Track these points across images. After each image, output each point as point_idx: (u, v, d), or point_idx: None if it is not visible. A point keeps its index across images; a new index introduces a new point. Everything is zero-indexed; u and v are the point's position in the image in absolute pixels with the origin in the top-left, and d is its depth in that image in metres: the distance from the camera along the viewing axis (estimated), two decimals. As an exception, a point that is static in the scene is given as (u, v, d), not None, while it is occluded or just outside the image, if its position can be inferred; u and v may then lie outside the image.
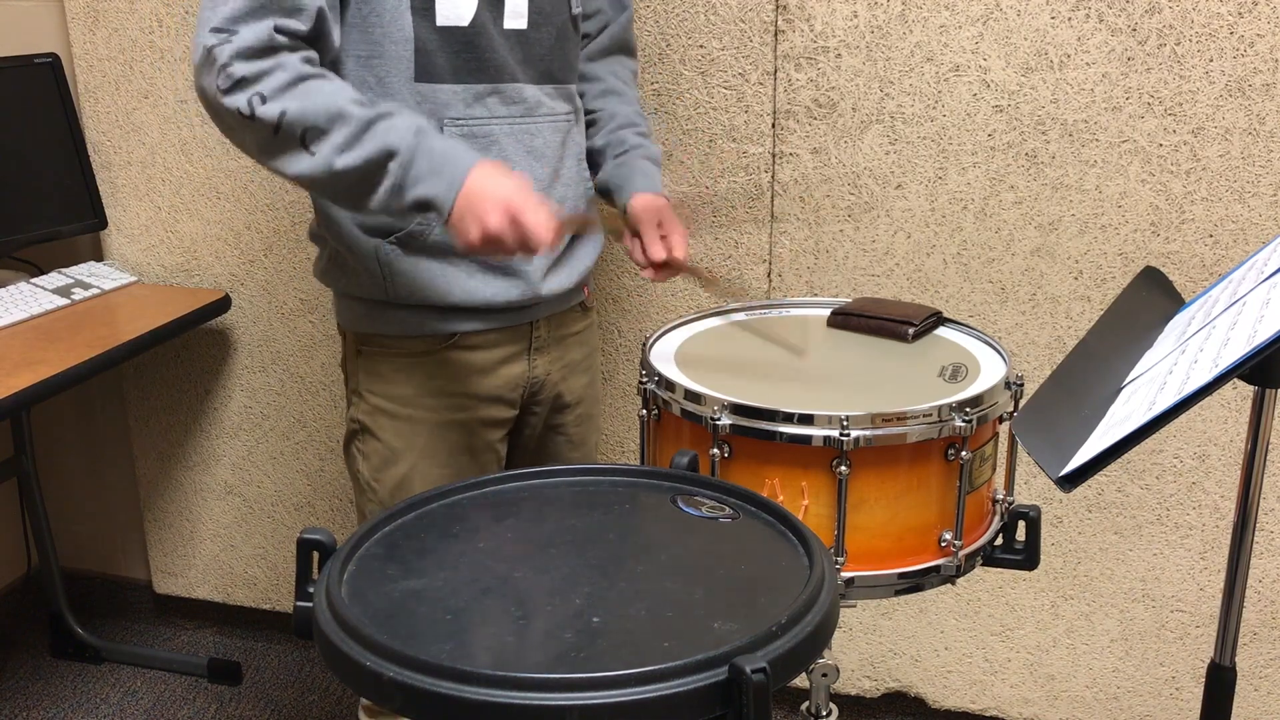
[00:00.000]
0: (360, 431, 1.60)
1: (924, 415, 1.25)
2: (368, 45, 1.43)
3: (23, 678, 2.53)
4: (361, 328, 1.57)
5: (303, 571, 0.98)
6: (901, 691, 2.25)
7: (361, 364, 1.58)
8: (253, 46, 1.31)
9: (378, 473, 1.59)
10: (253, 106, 1.31)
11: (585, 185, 1.63)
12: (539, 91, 1.53)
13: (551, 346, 1.65)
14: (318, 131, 1.33)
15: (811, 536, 1.01)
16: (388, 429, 1.58)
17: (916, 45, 1.90)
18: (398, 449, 1.58)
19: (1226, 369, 1.00)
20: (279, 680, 2.52)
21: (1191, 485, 2.00)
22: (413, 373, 1.56)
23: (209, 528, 2.59)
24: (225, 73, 1.30)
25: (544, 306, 1.60)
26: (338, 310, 1.61)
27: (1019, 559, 1.41)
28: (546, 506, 1.13)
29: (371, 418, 1.58)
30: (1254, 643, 2.04)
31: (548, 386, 1.66)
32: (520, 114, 1.51)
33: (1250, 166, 1.83)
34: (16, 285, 2.23)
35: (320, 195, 1.49)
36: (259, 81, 1.31)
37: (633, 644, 0.88)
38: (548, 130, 1.54)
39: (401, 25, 1.42)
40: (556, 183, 1.56)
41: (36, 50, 2.30)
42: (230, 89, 1.31)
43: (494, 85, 1.48)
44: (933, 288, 2.01)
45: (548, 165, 1.54)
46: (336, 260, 1.56)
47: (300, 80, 1.33)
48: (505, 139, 1.50)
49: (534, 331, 1.61)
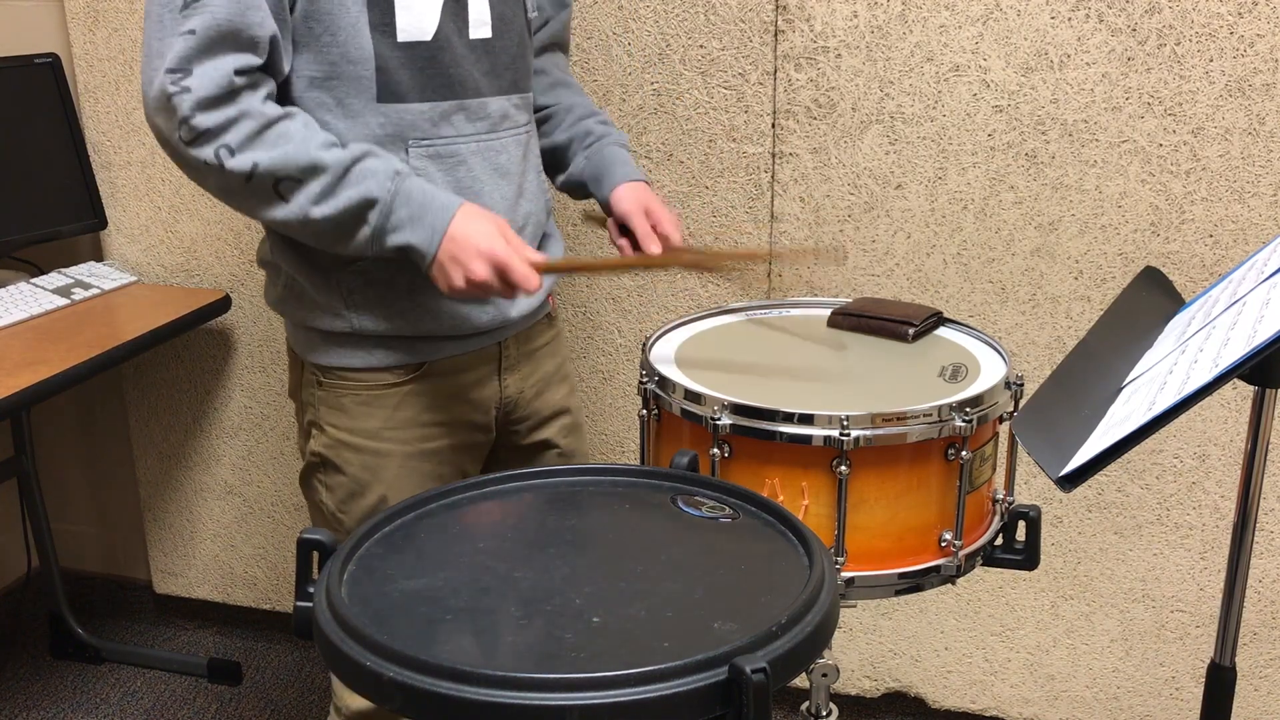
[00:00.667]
0: (321, 465, 1.52)
1: (924, 415, 1.25)
2: (324, 66, 1.36)
3: (23, 678, 2.53)
4: (322, 360, 1.49)
5: (303, 571, 0.98)
6: (901, 691, 2.25)
7: (321, 397, 1.50)
8: (212, 95, 1.26)
9: (344, 504, 1.52)
10: (220, 159, 1.27)
11: (545, 197, 1.59)
12: (505, 103, 1.48)
13: (521, 363, 1.60)
14: (292, 182, 1.30)
15: (811, 536, 1.01)
16: (353, 463, 1.50)
17: (916, 45, 1.90)
18: (365, 481, 1.50)
19: (1226, 369, 1.00)
20: (279, 680, 2.52)
21: (1191, 485, 2.00)
22: (379, 405, 1.49)
23: (209, 528, 2.59)
24: (187, 126, 1.26)
25: (511, 326, 1.55)
26: (293, 339, 1.53)
27: (1019, 559, 1.41)
28: (547, 506, 1.13)
29: (334, 451, 1.50)
30: (1254, 643, 2.04)
31: (521, 404, 1.61)
32: (485, 130, 1.46)
33: (1250, 166, 1.83)
34: (16, 285, 2.23)
35: (297, 239, 1.40)
36: (225, 133, 1.27)
37: (633, 644, 0.88)
38: (511, 145, 1.50)
39: (360, 44, 1.35)
40: (521, 199, 1.52)
41: (36, 50, 2.30)
42: (194, 141, 1.27)
43: (459, 101, 1.42)
44: (933, 288, 2.01)
45: (512, 183, 1.50)
46: (293, 289, 1.48)
47: (267, 126, 1.29)
48: (472, 158, 1.45)
49: (503, 351, 1.56)
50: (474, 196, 1.44)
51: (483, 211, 1.37)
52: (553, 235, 1.63)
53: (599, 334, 2.18)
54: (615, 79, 2.04)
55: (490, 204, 1.45)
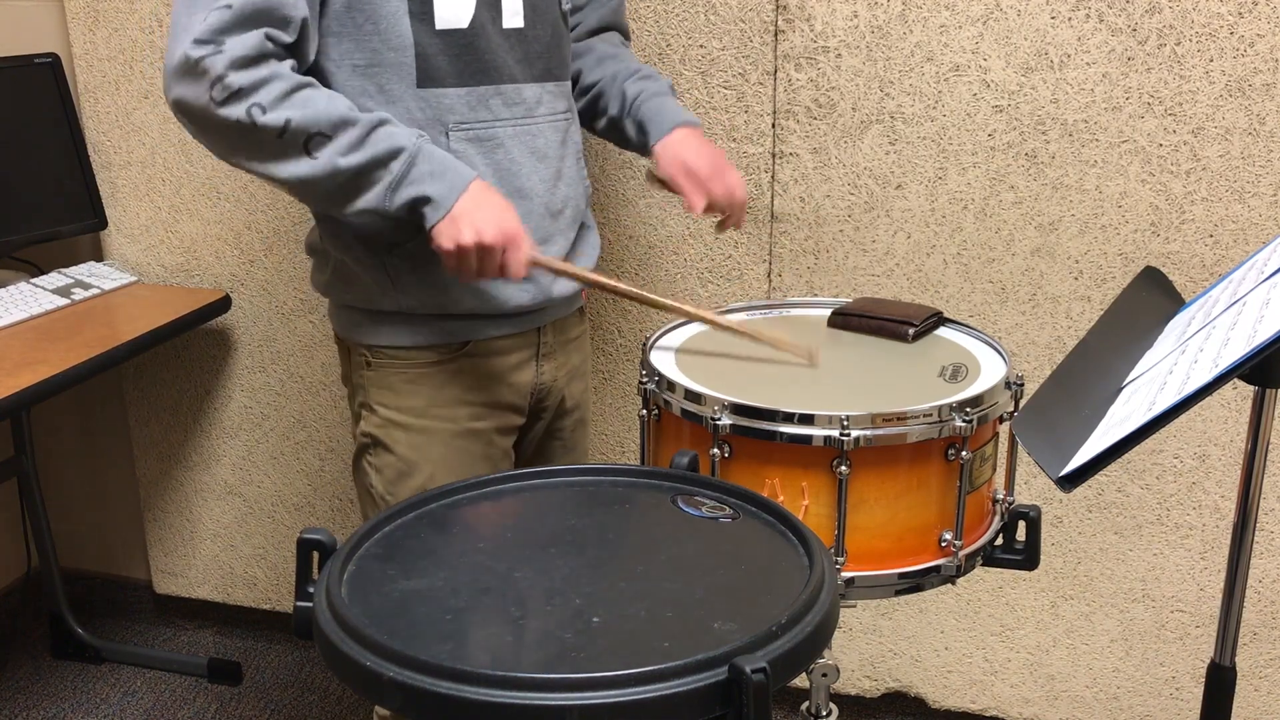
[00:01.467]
0: (372, 445, 1.57)
1: (924, 415, 1.25)
2: (365, 54, 1.42)
3: (23, 678, 2.53)
4: (370, 340, 1.54)
5: (303, 571, 0.98)
6: (901, 691, 2.25)
7: (371, 377, 1.55)
8: (246, 55, 1.30)
9: (392, 486, 1.57)
10: (253, 116, 1.31)
11: (585, 184, 1.63)
12: (539, 90, 1.52)
13: (556, 352, 1.64)
14: (322, 138, 1.33)
15: (811, 536, 1.01)
16: (402, 442, 1.55)
17: (916, 45, 1.90)
18: (413, 461, 1.55)
19: (1226, 369, 0.99)
20: (279, 680, 2.52)
21: (1191, 485, 2.00)
22: (425, 383, 1.54)
23: (209, 528, 2.59)
24: (221, 84, 1.30)
25: (550, 311, 1.60)
26: (340, 323, 1.58)
27: (1019, 559, 1.41)
28: (546, 506, 1.13)
29: (384, 431, 1.55)
30: (1254, 643, 2.04)
31: (553, 392, 1.66)
32: (522, 115, 1.50)
33: (1250, 166, 1.83)
34: (16, 285, 2.23)
35: (305, 197, 1.45)
36: (256, 91, 1.31)
37: (632, 644, 0.88)
38: (549, 130, 1.54)
39: (400, 31, 1.41)
40: (559, 183, 1.56)
41: (36, 50, 2.29)
42: (226, 100, 1.30)
43: (496, 86, 1.47)
44: (933, 288, 2.01)
45: (550, 166, 1.54)
46: (341, 273, 1.53)
47: (297, 89, 1.33)
48: (510, 141, 1.49)
49: (541, 337, 1.61)
50: (512, 178, 1.49)
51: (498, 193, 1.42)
52: (590, 226, 1.66)
53: (599, 334, 2.19)
54: (615, 79, 2.04)
55: (528, 185, 1.50)
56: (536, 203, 1.51)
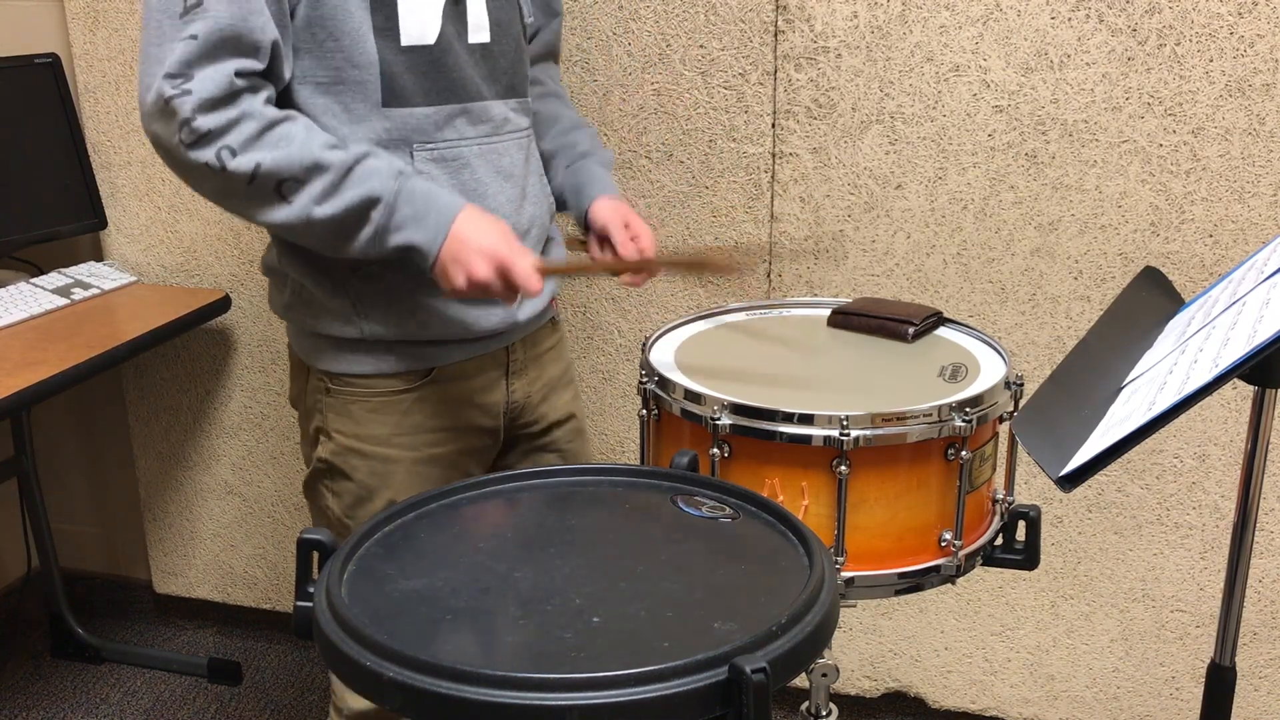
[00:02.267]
0: (328, 471, 1.52)
1: (924, 415, 1.25)
2: (328, 71, 1.36)
3: (23, 678, 2.53)
4: (330, 367, 1.48)
5: (303, 571, 0.98)
6: (901, 691, 2.25)
7: (330, 404, 1.49)
8: (214, 96, 1.25)
9: (351, 510, 1.52)
10: (222, 161, 1.27)
11: (549, 201, 1.60)
12: (504, 107, 1.48)
13: (528, 367, 1.60)
14: (295, 183, 1.29)
15: (811, 536, 1.01)
16: (361, 469, 1.50)
17: (916, 45, 1.90)
18: (373, 487, 1.50)
19: (1226, 369, 0.99)
20: (279, 680, 2.52)
21: (1191, 485, 2.00)
22: (388, 412, 1.48)
23: (209, 528, 2.59)
24: (189, 128, 1.25)
25: (519, 329, 1.56)
26: (299, 346, 1.52)
27: (1019, 559, 1.41)
28: (546, 506, 1.13)
29: (341, 458, 1.50)
30: (1254, 643, 2.04)
31: (529, 409, 1.61)
32: (488, 133, 1.46)
33: (1250, 166, 1.83)
34: (16, 285, 2.23)
35: (297, 240, 1.40)
36: (226, 134, 1.26)
37: (632, 644, 0.88)
38: (513, 148, 1.50)
39: (365, 49, 1.35)
40: (524, 202, 1.52)
41: (36, 50, 2.30)
42: (195, 144, 1.26)
43: (462, 105, 1.43)
44: (933, 288, 2.01)
45: (516, 185, 1.50)
46: (300, 295, 1.47)
47: (269, 128, 1.29)
48: (475, 160, 1.45)
49: (510, 355, 1.56)
50: (479, 199, 1.44)
51: (485, 214, 1.38)
52: (555, 239, 1.63)
53: (599, 334, 2.19)
54: (615, 79, 2.04)
55: (495, 206, 1.46)
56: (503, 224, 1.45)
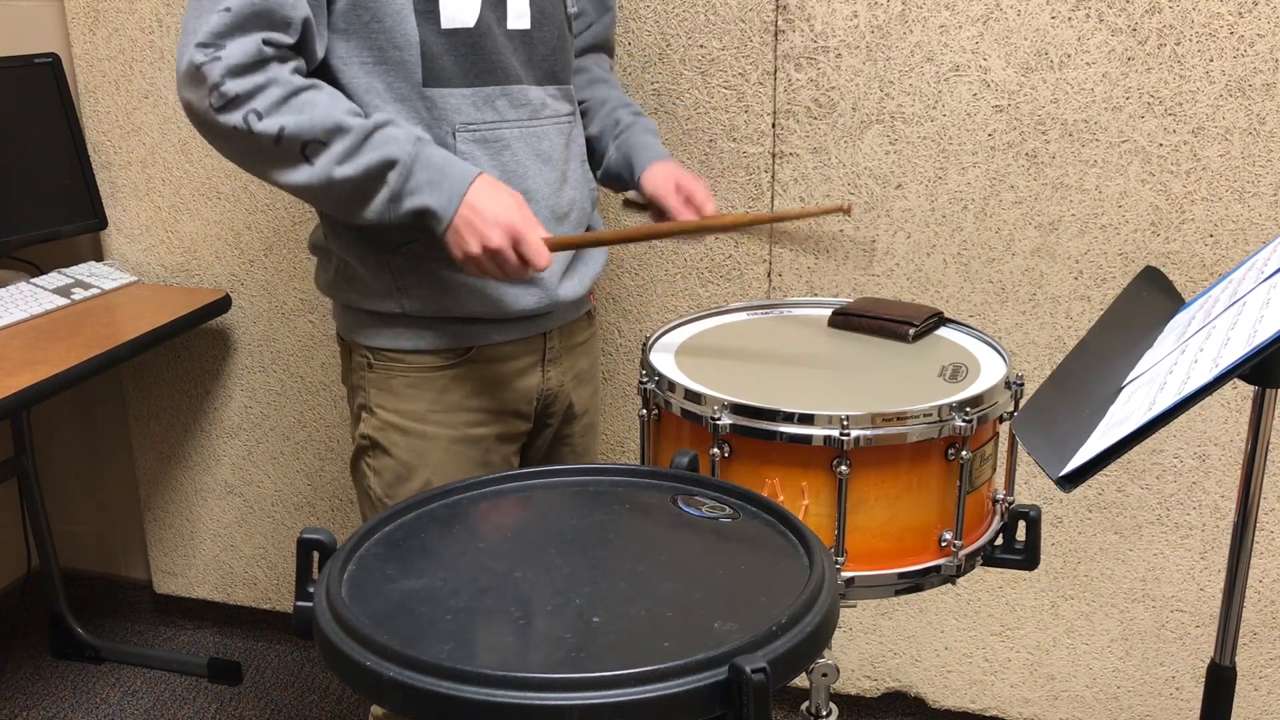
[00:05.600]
0: (371, 448, 1.57)
1: (924, 415, 1.25)
2: (372, 53, 1.41)
3: (23, 678, 2.53)
4: (372, 342, 1.54)
5: (303, 571, 0.98)
6: (901, 691, 2.25)
7: (372, 379, 1.55)
8: (242, 63, 1.31)
9: (390, 489, 1.56)
10: (249, 123, 1.32)
11: (590, 187, 1.62)
12: (543, 93, 1.52)
13: (563, 357, 1.63)
14: (318, 144, 1.34)
15: (811, 536, 1.01)
16: (400, 445, 1.54)
17: (916, 45, 1.90)
18: (411, 465, 1.55)
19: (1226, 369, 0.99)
20: (279, 680, 2.52)
21: (1191, 485, 2.00)
22: (427, 388, 1.53)
23: (209, 528, 2.59)
24: (218, 91, 1.31)
25: (557, 315, 1.59)
26: (343, 324, 1.58)
27: (1019, 559, 1.41)
28: (546, 506, 1.13)
29: (383, 434, 1.55)
30: (1254, 643, 2.04)
31: (560, 398, 1.65)
32: (527, 116, 1.50)
33: (1250, 166, 1.83)
34: (16, 285, 2.23)
35: (314, 203, 1.47)
36: (253, 98, 1.32)
37: (632, 644, 0.88)
38: (553, 132, 1.54)
39: (406, 30, 1.40)
40: (564, 185, 1.55)
41: (36, 50, 2.30)
42: (223, 107, 1.32)
43: (502, 87, 1.47)
44: (933, 288, 2.01)
45: (555, 168, 1.54)
46: (344, 272, 1.53)
47: (294, 94, 1.34)
48: (515, 143, 1.49)
49: (547, 342, 1.60)
50: (518, 180, 1.48)
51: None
52: (596, 228, 1.66)
53: (599, 334, 2.19)
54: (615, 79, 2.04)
55: (534, 188, 1.50)
56: (542, 205, 1.50)
